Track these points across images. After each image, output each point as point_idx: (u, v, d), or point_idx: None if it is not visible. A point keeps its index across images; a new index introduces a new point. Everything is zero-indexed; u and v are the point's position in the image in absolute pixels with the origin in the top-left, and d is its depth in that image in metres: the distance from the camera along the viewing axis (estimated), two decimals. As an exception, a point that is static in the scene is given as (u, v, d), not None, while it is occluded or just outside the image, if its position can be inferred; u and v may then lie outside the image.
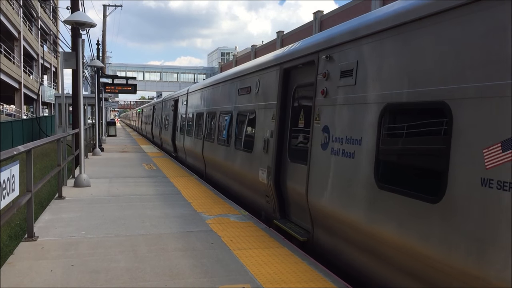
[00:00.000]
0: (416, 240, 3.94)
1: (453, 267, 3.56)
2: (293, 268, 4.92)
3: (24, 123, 28.66)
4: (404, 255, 4.16)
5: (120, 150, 20.41)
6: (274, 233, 6.42)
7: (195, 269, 4.82)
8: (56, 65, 56.09)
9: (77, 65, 10.89)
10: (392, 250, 4.33)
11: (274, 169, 7.18)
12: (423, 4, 4.13)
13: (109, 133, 33.82)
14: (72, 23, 10.09)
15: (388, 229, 4.32)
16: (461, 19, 3.69)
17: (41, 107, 49.49)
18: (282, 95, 7.19)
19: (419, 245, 3.91)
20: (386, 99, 4.51)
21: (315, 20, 38.40)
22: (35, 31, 49.76)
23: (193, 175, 12.26)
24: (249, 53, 59.25)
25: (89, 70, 30.77)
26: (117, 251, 5.42)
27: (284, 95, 7.19)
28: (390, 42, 4.55)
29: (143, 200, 8.57)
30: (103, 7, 43.35)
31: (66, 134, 10.12)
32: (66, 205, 8.03)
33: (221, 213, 7.63)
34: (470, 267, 3.39)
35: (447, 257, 3.60)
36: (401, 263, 4.24)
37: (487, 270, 3.26)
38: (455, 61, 3.71)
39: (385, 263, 4.51)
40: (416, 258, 3.99)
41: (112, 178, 11.35)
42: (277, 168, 7.18)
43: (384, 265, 4.52)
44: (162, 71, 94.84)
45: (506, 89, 3.22)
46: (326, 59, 5.76)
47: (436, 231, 3.74)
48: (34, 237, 5.86)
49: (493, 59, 3.36)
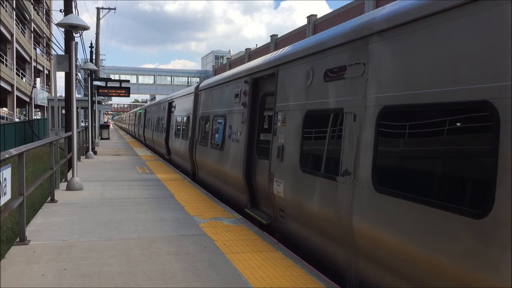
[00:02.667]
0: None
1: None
2: (286, 272, 4.92)
3: (17, 126, 28.49)
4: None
5: (113, 153, 20.34)
6: (267, 236, 6.42)
7: (188, 273, 4.81)
8: (49, 68, 55.86)
9: (70, 68, 10.85)
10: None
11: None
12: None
13: (102, 136, 33.69)
14: (65, 26, 10.06)
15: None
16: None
17: (33, 110, 49.21)
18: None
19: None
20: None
21: (309, 24, 38.54)
22: (28, 33, 49.54)
23: (186, 179, 12.24)
24: (243, 56, 59.32)
25: (82, 73, 30.65)
26: (110, 255, 5.40)
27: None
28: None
29: (136, 204, 8.54)
30: (96, 10, 43.21)
31: (59, 137, 10.07)
32: (59, 208, 7.98)
33: (214, 216, 7.62)
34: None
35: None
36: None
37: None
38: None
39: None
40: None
41: (105, 182, 11.30)
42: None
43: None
44: (156, 74, 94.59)
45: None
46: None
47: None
48: (26, 241, 5.82)
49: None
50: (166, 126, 19.03)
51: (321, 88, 5.70)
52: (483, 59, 3.34)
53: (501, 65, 3.18)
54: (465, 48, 3.50)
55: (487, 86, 3.28)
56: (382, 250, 4.30)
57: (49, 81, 58.13)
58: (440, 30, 3.76)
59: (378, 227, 4.30)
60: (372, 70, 4.62)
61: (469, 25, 3.48)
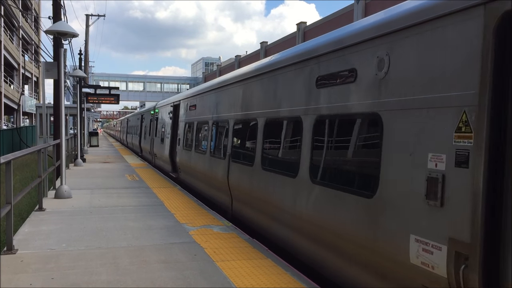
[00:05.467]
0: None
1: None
2: (276, 280, 4.91)
3: (4, 133, 28.20)
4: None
5: (103, 161, 20.20)
6: (257, 244, 6.41)
7: (178, 282, 4.78)
8: (37, 75, 55.48)
9: (58, 75, 10.78)
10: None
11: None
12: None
13: (91, 144, 33.45)
14: (54, 33, 10.02)
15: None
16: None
17: (21, 117, 48.78)
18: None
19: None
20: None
21: (299, 31, 38.77)
22: (16, 40, 49.20)
23: (176, 186, 12.19)
24: (233, 63, 59.40)
25: (71, 80, 30.48)
26: (99, 263, 5.35)
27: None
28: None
29: (125, 212, 8.48)
30: (86, 17, 43.05)
31: (47, 145, 9.99)
32: (47, 217, 7.90)
33: (204, 224, 7.59)
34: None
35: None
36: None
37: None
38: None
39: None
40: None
41: (94, 189, 11.22)
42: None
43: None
44: (146, 81, 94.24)
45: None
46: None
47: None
48: (13, 250, 5.75)
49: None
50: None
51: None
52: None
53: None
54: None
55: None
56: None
57: (37, 88, 57.69)
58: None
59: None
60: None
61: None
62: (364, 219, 4.31)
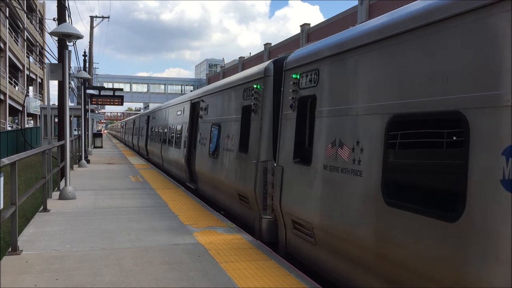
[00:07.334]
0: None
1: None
2: (280, 282, 4.91)
3: (9, 134, 28.29)
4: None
5: (106, 162, 20.25)
6: (261, 245, 6.41)
7: (181, 283, 4.79)
8: (42, 76, 55.66)
9: (63, 76, 10.82)
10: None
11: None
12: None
13: (95, 145, 33.55)
14: (58, 34, 10.06)
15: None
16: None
17: (26, 118, 48.95)
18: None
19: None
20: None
21: (302, 32, 38.79)
22: (21, 42, 49.40)
23: (180, 187, 12.21)
24: (236, 65, 59.47)
25: (75, 81, 30.59)
26: (103, 264, 5.36)
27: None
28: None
29: (129, 213, 8.50)
30: (90, 19, 43.19)
31: (52, 146, 10.02)
32: (51, 218, 7.93)
33: (208, 225, 7.60)
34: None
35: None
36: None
37: None
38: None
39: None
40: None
41: (98, 191, 11.25)
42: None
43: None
44: (150, 83, 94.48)
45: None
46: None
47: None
48: (18, 250, 5.77)
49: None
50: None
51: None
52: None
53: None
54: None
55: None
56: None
57: (42, 89, 57.89)
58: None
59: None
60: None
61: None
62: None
